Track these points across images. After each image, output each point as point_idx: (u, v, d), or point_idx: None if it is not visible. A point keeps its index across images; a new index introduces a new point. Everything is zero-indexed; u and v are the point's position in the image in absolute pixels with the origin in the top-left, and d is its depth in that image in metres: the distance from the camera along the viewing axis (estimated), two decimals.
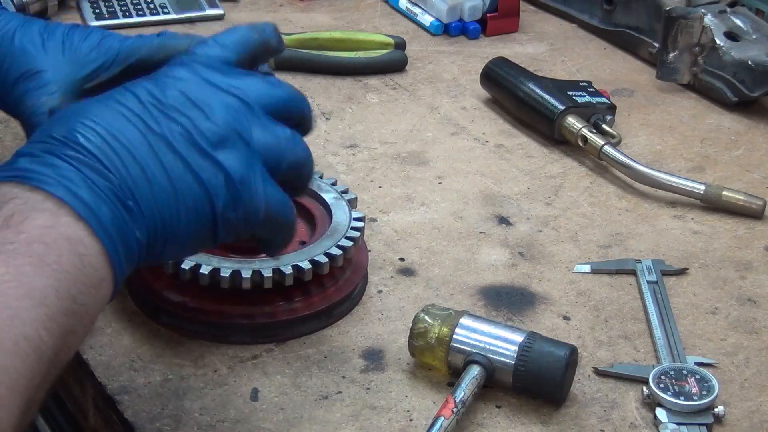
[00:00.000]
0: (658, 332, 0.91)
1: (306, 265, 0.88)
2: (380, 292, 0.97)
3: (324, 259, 0.89)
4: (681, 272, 1.00)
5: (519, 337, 0.84)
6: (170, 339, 0.90)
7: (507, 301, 0.96)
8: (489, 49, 1.44)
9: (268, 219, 0.70)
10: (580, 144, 1.18)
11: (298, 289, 0.91)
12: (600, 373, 0.87)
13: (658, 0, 1.36)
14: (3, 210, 0.58)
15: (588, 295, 0.97)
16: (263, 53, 0.76)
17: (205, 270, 0.87)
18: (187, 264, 0.88)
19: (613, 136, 1.19)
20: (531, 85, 1.24)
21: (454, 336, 0.85)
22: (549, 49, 1.45)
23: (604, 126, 1.20)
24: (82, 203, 0.60)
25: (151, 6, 1.48)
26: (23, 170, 0.60)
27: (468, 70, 1.38)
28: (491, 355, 0.83)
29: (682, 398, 0.82)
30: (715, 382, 0.84)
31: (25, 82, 0.85)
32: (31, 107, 0.85)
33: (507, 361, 0.83)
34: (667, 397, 0.82)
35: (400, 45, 1.39)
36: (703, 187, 1.10)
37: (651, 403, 0.84)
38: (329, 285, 0.93)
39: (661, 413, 0.82)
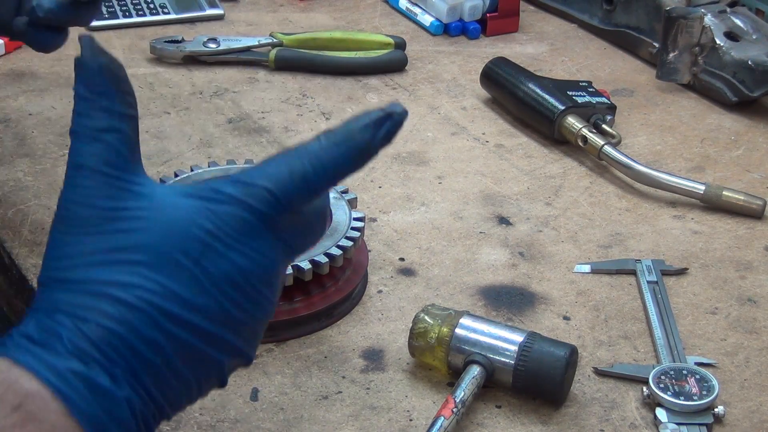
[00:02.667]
0: (658, 332, 0.91)
1: (306, 265, 0.88)
2: (380, 292, 0.97)
3: (324, 259, 0.89)
4: (681, 272, 1.00)
5: (519, 337, 0.84)
6: None
7: (507, 301, 0.96)
8: (489, 49, 1.44)
9: None
10: (580, 144, 1.18)
11: (298, 289, 0.91)
12: (600, 373, 0.87)
13: (658, 0, 1.36)
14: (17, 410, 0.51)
15: (588, 295, 0.97)
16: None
17: None
18: None
19: (613, 136, 1.19)
20: (531, 85, 1.24)
21: (454, 336, 0.85)
22: (549, 49, 1.45)
23: (604, 126, 1.20)
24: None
25: (151, 6, 1.48)
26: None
27: (468, 70, 1.38)
28: (491, 355, 0.83)
29: (682, 398, 0.82)
30: (715, 382, 0.84)
31: None
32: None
33: (507, 361, 0.83)
34: (667, 397, 0.82)
35: (400, 45, 1.39)
36: (703, 187, 1.10)
37: (651, 403, 0.84)
38: (329, 285, 0.92)
39: (661, 413, 0.82)
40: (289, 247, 0.60)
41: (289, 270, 0.88)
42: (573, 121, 1.19)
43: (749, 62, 1.26)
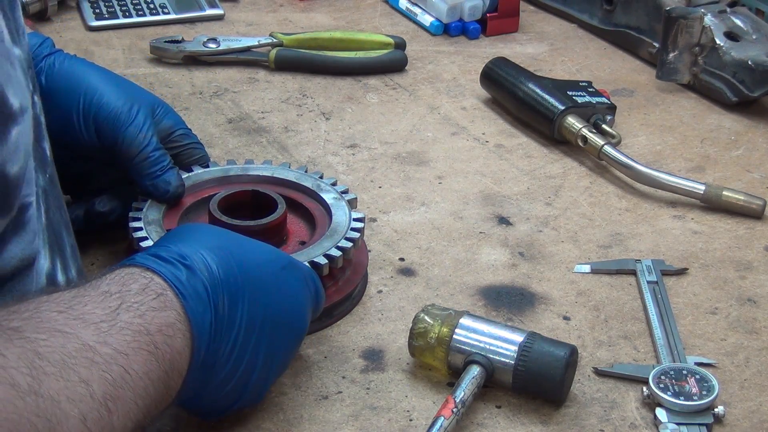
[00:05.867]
0: (658, 332, 0.91)
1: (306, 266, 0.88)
2: (380, 292, 0.97)
3: (323, 261, 0.89)
4: (681, 272, 1.00)
5: (519, 337, 0.84)
6: None
7: (507, 301, 0.96)
8: (489, 49, 1.44)
9: None
10: (580, 144, 1.18)
11: None
12: (600, 373, 0.87)
13: (658, 0, 1.36)
14: (156, 301, 0.70)
15: (588, 295, 0.97)
16: None
17: None
18: None
19: (613, 136, 1.19)
20: (531, 85, 1.24)
21: (454, 336, 0.85)
22: (549, 49, 1.45)
23: (604, 126, 1.20)
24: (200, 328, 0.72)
25: (151, 6, 1.48)
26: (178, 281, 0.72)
27: (468, 70, 1.38)
28: (491, 355, 0.83)
29: (682, 398, 0.82)
30: (715, 382, 0.84)
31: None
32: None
33: (507, 361, 0.83)
34: (667, 397, 0.82)
35: (400, 45, 1.39)
36: (703, 187, 1.10)
37: (651, 403, 0.84)
38: (329, 285, 0.92)
39: (661, 413, 0.82)
40: None
41: None
42: (573, 121, 1.19)
43: (749, 62, 1.26)
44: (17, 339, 0.60)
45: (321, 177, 1.01)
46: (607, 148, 1.15)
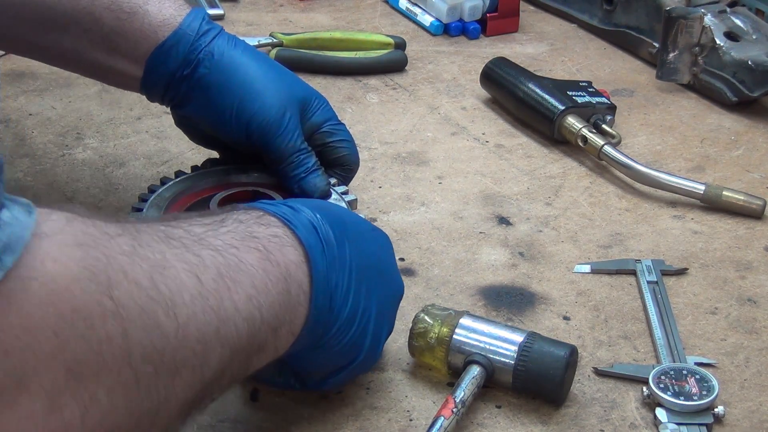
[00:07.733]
0: (658, 332, 0.91)
1: None
2: None
3: None
4: (681, 272, 1.00)
5: (519, 337, 0.84)
6: None
7: (507, 301, 0.96)
8: (489, 49, 1.44)
9: None
10: (580, 144, 1.18)
11: None
12: (600, 373, 0.87)
13: (658, 0, 1.36)
14: (269, 231, 0.72)
15: (588, 295, 0.97)
16: None
17: None
18: None
19: (613, 136, 1.19)
20: (531, 85, 1.24)
21: (454, 336, 0.85)
22: (549, 49, 1.45)
23: (604, 126, 1.20)
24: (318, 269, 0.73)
25: None
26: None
27: (468, 70, 1.38)
28: (491, 355, 0.83)
29: (682, 398, 0.82)
30: (715, 382, 0.84)
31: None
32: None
33: (507, 361, 0.83)
34: (667, 397, 0.82)
35: (400, 45, 1.39)
36: (703, 187, 1.10)
37: (651, 403, 0.84)
38: None
39: (661, 413, 0.82)
40: None
41: None
42: (573, 121, 1.19)
43: (749, 62, 1.26)
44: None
45: None
46: (607, 148, 1.15)
